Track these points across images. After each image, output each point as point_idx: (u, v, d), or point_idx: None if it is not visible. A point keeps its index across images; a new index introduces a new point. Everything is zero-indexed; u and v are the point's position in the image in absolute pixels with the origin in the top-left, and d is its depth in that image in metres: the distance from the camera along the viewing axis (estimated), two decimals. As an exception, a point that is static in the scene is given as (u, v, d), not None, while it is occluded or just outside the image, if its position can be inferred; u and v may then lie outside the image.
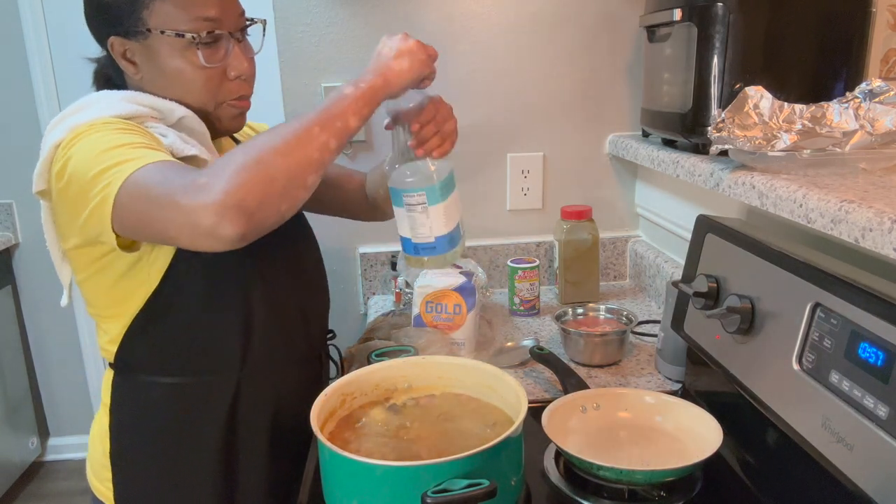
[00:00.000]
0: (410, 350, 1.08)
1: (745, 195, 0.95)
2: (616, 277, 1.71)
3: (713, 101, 1.11)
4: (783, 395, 0.77)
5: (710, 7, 1.08)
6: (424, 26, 1.56)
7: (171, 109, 0.88)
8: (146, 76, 0.89)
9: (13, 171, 2.48)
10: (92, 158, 0.76)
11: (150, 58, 0.87)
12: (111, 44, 0.87)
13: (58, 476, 2.64)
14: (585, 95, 1.62)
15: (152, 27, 0.85)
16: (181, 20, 0.85)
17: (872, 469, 0.64)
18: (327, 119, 0.76)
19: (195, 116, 0.89)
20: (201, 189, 0.67)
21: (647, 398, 0.97)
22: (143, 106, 0.86)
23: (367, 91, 0.80)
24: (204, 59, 0.87)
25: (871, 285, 0.68)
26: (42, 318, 2.61)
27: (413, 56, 0.86)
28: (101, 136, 0.78)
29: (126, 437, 0.94)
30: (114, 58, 0.89)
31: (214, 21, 0.87)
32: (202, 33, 0.86)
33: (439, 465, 0.70)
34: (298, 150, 0.73)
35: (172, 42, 0.86)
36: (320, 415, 0.83)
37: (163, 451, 0.93)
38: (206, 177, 0.69)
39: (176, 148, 0.84)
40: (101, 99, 0.87)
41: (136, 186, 0.72)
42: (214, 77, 0.89)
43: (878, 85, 0.95)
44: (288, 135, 0.73)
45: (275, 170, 0.70)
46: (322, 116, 0.76)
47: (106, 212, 0.74)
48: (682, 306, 1.04)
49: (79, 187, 0.76)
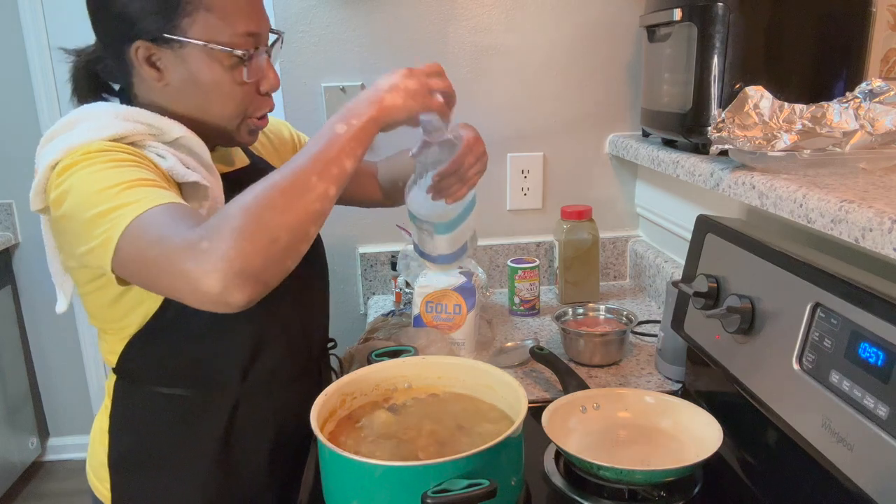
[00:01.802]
0: (410, 350, 1.08)
1: (745, 195, 0.95)
2: (616, 277, 1.71)
3: (713, 101, 1.11)
4: (783, 395, 0.77)
5: (710, 7, 1.08)
6: (423, 27, 1.57)
7: (170, 128, 0.84)
8: (172, 84, 0.85)
9: (13, 171, 2.48)
10: (89, 197, 0.73)
11: (182, 67, 0.83)
12: (136, 48, 0.82)
13: (58, 476, 2.64)
14: (585, 95, 1.62)
15: (192, 37, 0.81)
16: (225, 33, 0.82)
17: (872, 469, 0.64)
18: (323, 166, 0.71)
19: (194, 136, 0.86)
20: (203, 255, 0.64)
21: (647, 398, 0.97)
22: (140, 123, 0.82)
23: (359, 131, 0.75)
24: (247, 75, 0.85)
25: (871, 285, 0.68)
26: (42, 318, 2.61)
27: (408, 92, 0.81)
28: (97, 172, 0.75)
29: (125, 440, 0.94)
30: (133, 61, 0.84)
31: (256, 37, 0.85)
32: (250, 50, 0.84)
33: (439, 465, 0.70)
34: (298, 205, 0.68)
35: (214, 55, 0.83)
36: (320, 415, 0.83)
37: (160, 457, 0.93)
38: (207, 240, 0.65)
39: (176, 172, 0.81)
40: (96, 115, 0.83)
41: (135, 239, 0.69)
42: (249, 92, 0.87)
43: (878, 85, 0.95)
44: (286, 187, 0.68)
45: (276, 229, 0.66)
46: (317, 163, 0.71)
47: (107, 255, 0.71)
48: (682, 306, 1.04)
49: (78, 224, 0.74)
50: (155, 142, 0.83)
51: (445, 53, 1.58)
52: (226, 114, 0.87)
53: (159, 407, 0.92)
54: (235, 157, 1.01)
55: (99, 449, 0.95)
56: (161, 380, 0.91)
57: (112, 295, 0.85)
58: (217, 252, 0.64)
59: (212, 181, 0.86)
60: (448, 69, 1.73)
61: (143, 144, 0.82)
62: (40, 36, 2.36)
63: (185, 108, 0.87)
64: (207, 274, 0.63)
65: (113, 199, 0.72)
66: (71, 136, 0.79)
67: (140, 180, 0.74)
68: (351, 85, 1.56)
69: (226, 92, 0.85)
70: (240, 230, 0.64)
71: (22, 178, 2.49)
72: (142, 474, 0.93)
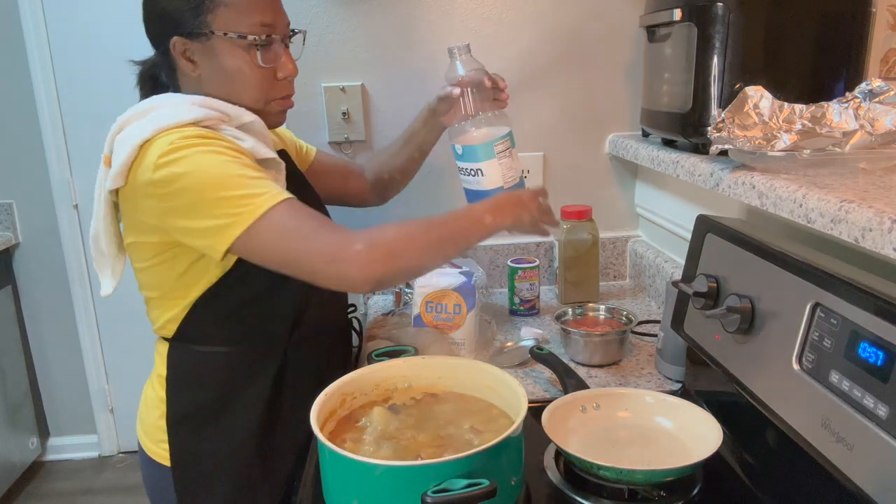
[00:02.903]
0: (410, 350, 1.08)
1: (745, 195, 0.95)
2: (616, 277, 1.71)
3: (713, 101, 1.11)
4: (783, 395, 0.77)
5: (710, 7, 1.08)
6: (422, 27, 1.57)
7: (239, 114, 0.96)
8: (204, 74, 0.97)
9: (13, 171, 2.49)
10: (212, 179, 0.86)
11: (211, 57, 0.95)
12: (173, 44, 0.95)
13: (58, 476, 2.64)
14: (585, 95, 1.62)
15: (215, 29, 0.93)
16: (242, 24, 0.94)
17: (872, 469, 0.64)
18: (463, 241, 0.94)
19: (260, 120, 0.99)
20: (356, 255, 0.84)
21: (647, 398, 0.97)
22: (213, 109, 0.93)
23: (493, 228, 0.95)
24: (261, 59, 0.96)
25: (871, 285, 0.68)
26: (42, 318, 2.62)
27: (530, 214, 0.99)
28: (216, 156, 0.87)
29: (183, 400, 1.02)
30: (174, 56, 0.96)
31: (270, 26, 0.96)
32: (261, 36, 0.95)
33: (439, 465, 0.70)
34: (433, 256, 0.92)
35: (234, 43, 0.95)
36: (320, 414, 0.83)
37: (215, 414, 1.01)
38: (362, 244, 0.85)
39: (257, 151, 0.94)
40: (172, 101, 0.95)
41: (280, 225, 0.86)
42: (267, 76, 0.98)
43: (878, 85, 0.95)
44: (433, 241, 0.91)
45: (411, 263, 0.90)
46: (459, 238, 0.93)
47: (232, 234, 0.85)
48: (682, 306, 1.04)
49: (193, 201, 0.86)
50: (228, 126, 0.95)
51: (445, 53, 1.58)
52: (251, 96, 0.98)
53: (215, 366, 1.01)
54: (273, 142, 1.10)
55: (154, 414, 1.03)
56: (217, 339, 1.01)
57: (184, 265, 0.96)
58: (367, 257, 0.85)
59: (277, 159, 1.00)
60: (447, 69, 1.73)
61: (218, 128, 0.93)
62: (40, 36, 2.36)
63: (218, 95, 0.97)
64: (356, 270, 0.84)
65: (244, 186, 0.86)
66: (156, 118, 0.90)
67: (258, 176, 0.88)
68: (351, 85, 1.56)
69: (246, 76, 0.96)
70: (390, 251, 0.86)
71: (22, 178, 2.50)
72: (199, 431, 1.02)
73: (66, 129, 2.45)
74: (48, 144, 2.45)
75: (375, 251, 0.85)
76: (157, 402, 1.03)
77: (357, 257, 0.84)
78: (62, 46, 2.38)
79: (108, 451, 2.75)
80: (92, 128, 2.44)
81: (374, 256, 0.85)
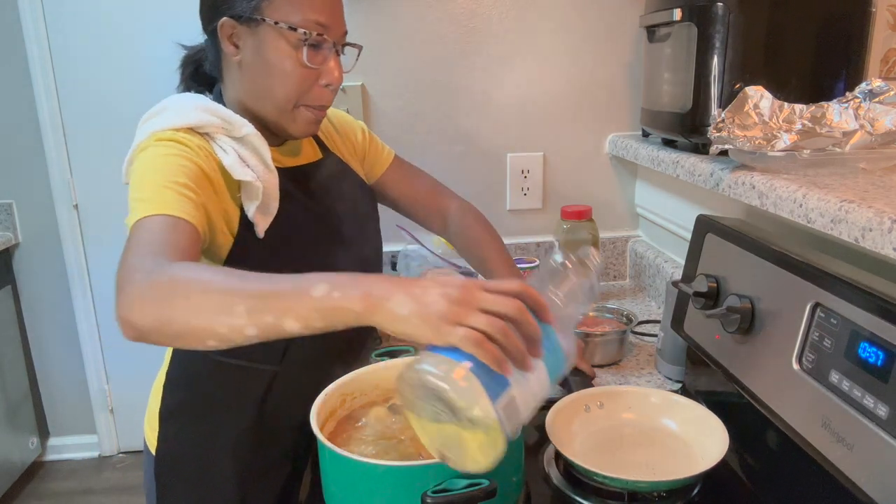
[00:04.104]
0: (410, 350, 1.08)
1: (745, 195, 0.95)
2: (616, 277, 1.71)
3: (713, 101, 1.11)
4: (783, 395, 0.77)
5: (710, 7, 1.08)
6: (422, 27, 1.57)
7: (241, 125, 0.92)
8: (245, 59, 0.94)
9: (13, 171, 2.48)
10: (140, 179, 0.84)
11: (256, 44, 0.93)
12: (222, 24, 0.93)
13: (58, 476, 2.64)
14: (585, 95, 1.62)
15: (267, 17, 0.91)
16: (295, 17, 0.91)
17: (872, 469, 0.64)
18: (262, 307, 0.62)
19: (258, 135, 0.93)
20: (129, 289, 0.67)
21: (652, 398, 0.96)
22: (216, 117, 0.91)
23: (331, 310, 0.61)
24: (307, 57, 0.92)
25: (871, 285, 0.68)
26: (42, 318, 2.61)
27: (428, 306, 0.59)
28: (154, 159, 0.85)
29: (176, 395, 1.02)
30: (220, 38, 0.94)
31: (324, 27, 0.93)
32: (312, 33, 0.92)
33: (439, 465, 0.70)
34: (208, 317, 0.63)
35: (282, 34, 0.91)
36: (320, 415, 0.83)
37: (203, 413, 1.01)
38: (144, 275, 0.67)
39: (234, 170, 0.89)
40: (181, 104, 0.93)
41: (129, 236, 0.77)
42: (308, 78, 0.94)
43: (878, 85, 0.95)
44: (211, 294, 0.64)
45: (177, 320, 0.64)
46: (259, 300, 0.62)
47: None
48: (682, 306, 1.04)
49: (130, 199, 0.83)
50: (224, 136, 0.92)
51: (444, 53, 1.59)
52: (284, 94, 0.94)
53: (208, 370, 1.00)
54: (304, 150, 1.07)
55: (156, 401, 1.04)
56: None
57: None
58: (136, 294, 0.66)
59: (268, 179, 0.93)
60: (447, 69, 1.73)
61: (214, 136, 0.91)
62: (40, 36, 2.36)
63: (252, 88, 0.95)
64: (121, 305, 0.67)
65: (148, 189, 0.81)
66: (158, 121, 0.90)
67: (172, 184, 0.82)
68: (351, 85, 1.56)
69: (287, 71, 0.92)
70: (160, 295, 0.65)
71: (22, 178, 2.50)
72: (185, 426, 1.02)
73: (66, 129, 2.45)
74: (48, 144, 2.44)
75: (143, 288, 0.66)
76: (159, 390, 1.05)
77: (125, 290, 0.66)
78: (62, 46, 2.38)
79: (108, 451, 2.75)
80: (92, 128, 2.44)
81: (140, 294, 0.66)
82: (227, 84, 0.98)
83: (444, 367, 0.59)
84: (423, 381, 0.60)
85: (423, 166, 1.37)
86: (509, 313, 0.60)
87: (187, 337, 0.65)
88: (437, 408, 0.61)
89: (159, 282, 0.66)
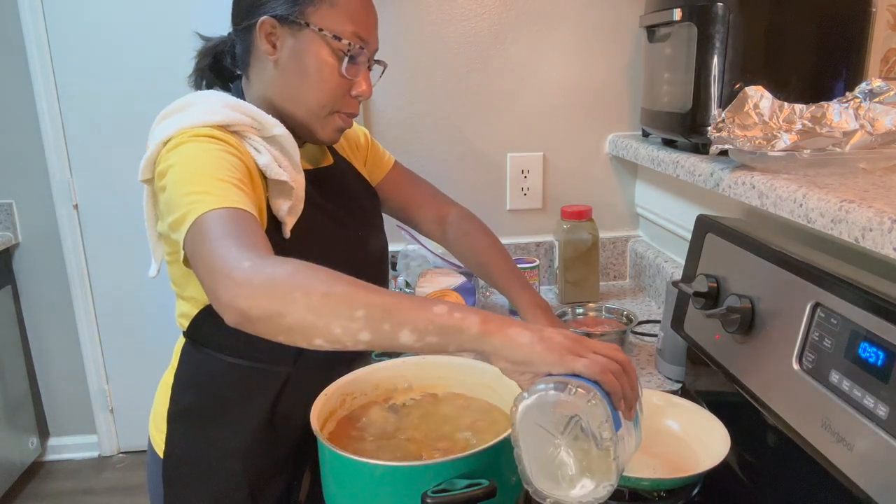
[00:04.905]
0: (410, 350, 1.07)
1: (745, 195, 0.95)
2: (616, 277, 1.71)
3: (713, 101, 1.11)
4: (783, 395, 0.77)
5: (710, 7, 1.08)
6: (422, 27, 1.57)
7: (271, 125, 0.92)
8: (281, 60, 0.94)
9: (13, 171, 2.48)
10: (188, 173, 0.81)
11: (296, 46, 0.93)
12: (262, 22, 0.92)
13: (58, 476, 2.64)
14: (585, 95, 1.62)
15: (311, 23, 0.92)
16: (339, 27, 0.92)
17: (872, 469, 0.64)
18: (382, 315, 0.64)
19: (289, 135, 0.94)
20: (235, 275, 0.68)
21: (655, 398, 0.96)
22: (245, 115, 0.91)
23: (452, 328, 0.63)
24: (345, 68, 0.94)
25: (871, 285, 0.68)
26: (42, 318, 2.61)
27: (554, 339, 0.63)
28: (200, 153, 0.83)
29: (185, 396, 1.01)
30: (256, 35, 0.93)
31: (363, 41, 0.95)
32: (355, 45, 0.94)
33: (439, 465, 0.70)
34: (327, 318, 0.64)
35: (325, 42, 0.92)
36: (320, 415, 0.83)
37: (212, 415, 1.00)
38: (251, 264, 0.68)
39: (270, 170, 0.89)
40: (208, 101, 0.92)
41: (201, 229, 0.75)
42: (342, 87, 0.96)
43: (878, 85, 0.95)
44: (331, 295, 0.65)
45: (293, 316, 0.65)
46: (379, 309, 0.64)
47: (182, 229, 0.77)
48: (682, 306, 1.04)
49: (170, 196, 0.82)
50: (255, 135, 0.91)
51: (445, 54, 1.59)
52: (318, 99, 0.95)
53: (219, 372, 0.99)
54: (322, 156, 1.09)
55: (163, 402, 1.03)
56: (224, 349, 0.97)
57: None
58: (244, 281, 0.67)
59: (297, 180, 0.94)
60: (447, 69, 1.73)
61: (245, 135, 0.90)
62: (40, 36, 2.36)
63: (284, 89, 0.95)
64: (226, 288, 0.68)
65: (204, 183, 0.79)
66: (184, 117, 0.88)
67: (227, 178, 0.81)
68: (351, 85, 1.56)
69: (325, 77, 0.94)
70: (274, 287, 0.66)
71: (22, 178, 2.50)
72: (194, 428, 1.01)
73: (66, 129, 2.45)
74: (48, 144, 2.44)
75: (257, 278, 0.67)
76: (167, 391, 1.04)
77: (233, 276, 0.67)
78: (62, 46, 2.38)
79: (108, 452, 2.75)
80: (92, 128, 2.44)
81: (252, 283, 0.66)
82: (254, 81, 0.98)
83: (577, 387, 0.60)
84: (558, 398, 0.60)
85: (423, 167, 1.37)
86: (620, 361, 0.64)
87: (296, 332, 0.66)
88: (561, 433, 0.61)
89: (277, 277, 0.66)
